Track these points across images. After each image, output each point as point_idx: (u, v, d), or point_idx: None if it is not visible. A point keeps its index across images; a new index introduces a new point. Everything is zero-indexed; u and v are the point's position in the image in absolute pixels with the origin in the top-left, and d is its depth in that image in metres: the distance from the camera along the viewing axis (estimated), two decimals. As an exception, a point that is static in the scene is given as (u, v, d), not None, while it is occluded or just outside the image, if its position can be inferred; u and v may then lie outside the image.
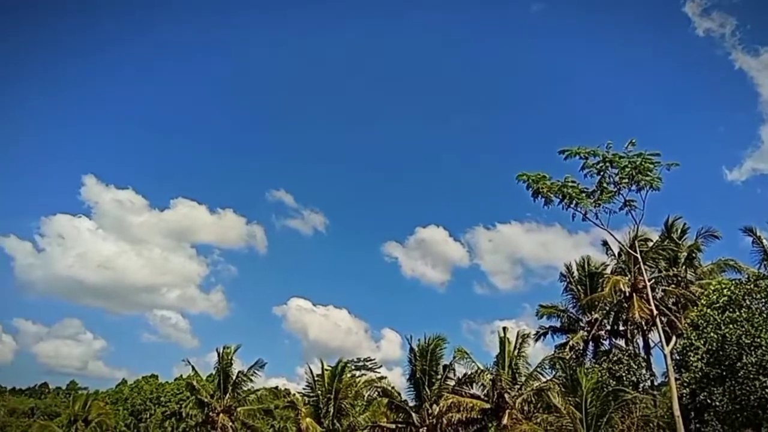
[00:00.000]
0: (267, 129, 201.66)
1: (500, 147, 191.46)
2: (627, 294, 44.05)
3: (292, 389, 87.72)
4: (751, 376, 29.55)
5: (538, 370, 42.06)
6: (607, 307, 46.08)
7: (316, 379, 50.13)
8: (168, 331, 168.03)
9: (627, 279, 44.48)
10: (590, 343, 46.56)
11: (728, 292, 33.26)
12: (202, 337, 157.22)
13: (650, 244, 45.05)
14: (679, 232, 47.40)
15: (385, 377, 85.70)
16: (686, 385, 33.66)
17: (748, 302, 32.42)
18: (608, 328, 47.40)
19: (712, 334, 32.26)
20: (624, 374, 41.81)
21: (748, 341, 30.10)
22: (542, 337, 49.45)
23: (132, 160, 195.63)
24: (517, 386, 41.10)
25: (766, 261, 40.36)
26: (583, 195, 21.82)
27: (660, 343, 28.29)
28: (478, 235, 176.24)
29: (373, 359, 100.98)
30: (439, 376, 43.83)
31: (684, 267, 45.78)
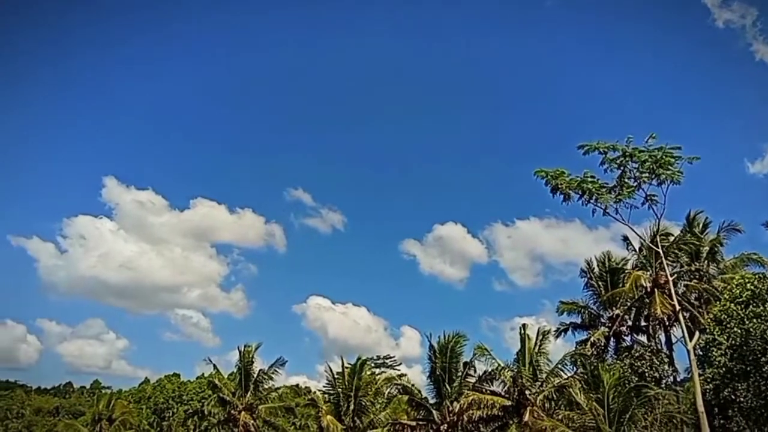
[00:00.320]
0: (284, 129, 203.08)
1: (518, 143, 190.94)
2: (648, 289, 43.69)
3: (312, 387, 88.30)
4: (775, 372, 29.22)
5: (559, 366, 41.82)
6: (629, 303, 45.74)
7: (336, 377, 50.27)
8: (189, 330, 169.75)
9: (648, 274, 44.12)
10: (611, 339, 46.21)
11: (751, 287, 32.88)
12: (223, 336, 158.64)
13: (671, 239, 44.62)
14: (700, 227, 46.92)
15: (405, 375, 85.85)
16: (710, 380, 33.31)
17: (771, 296, 32.03)
18: (630, 324, 47.04)
19: (735, 329, 31.93)
20: (646, 370, 41.52)
21: (773, 336, 29.75)
22: (563, 334, 49.19)
23: (151, 161, 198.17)
24: (538, 383, 40.87)
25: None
26: (603, 190, 21.62)
27: (683, 339, 28.04)
28: (496, 231, 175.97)
29: (393, 357, 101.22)
30: (460, 374, 43.72)
31: (706, 261, 45.32)
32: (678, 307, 30.47)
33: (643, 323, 46.53)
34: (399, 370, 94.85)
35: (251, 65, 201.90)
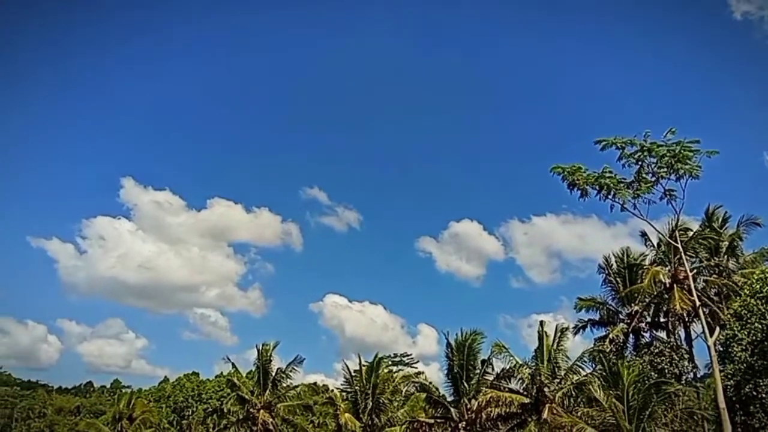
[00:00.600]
0: (300, 128, 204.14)
1: (533, 139, 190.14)
2: (667, 285, 43.37)
3: (330, 385, 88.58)
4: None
5: (578, 363, 41.58)
6: (647, 299, 45.39)
7: (354, 374, 50.36)
8: (208, 329, 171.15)
9: (667, 270, 43.79)
10: (630, 335, 45.89)
11: (772, 281, 32.51)
12: (241, 335, 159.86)
13: (690, 234, 44.21)
14: (720, 221, 46.47)
15: (423, 372, 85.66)
16: (730, 377, 32.96)
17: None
18: (649, 320, 46.71)
19: (756, 325, 31.60)
20: (666, 366, 41.23)
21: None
22: (581, 331, 48.92)
23: (169, 162, 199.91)
24: (557, 380, 40.70)
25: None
26: (621, 185, 21.44)
27: (703, 335, 27.79)
28: (513, 228, 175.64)
29: (410, 354, 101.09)
30: (477, 371, 43.63)
31: (726, 256, 44.87)
32: (698, 303, 30.23)
33: (663, 319, 46.19)
34: (416, 368, 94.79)
35: (266, 66, 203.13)
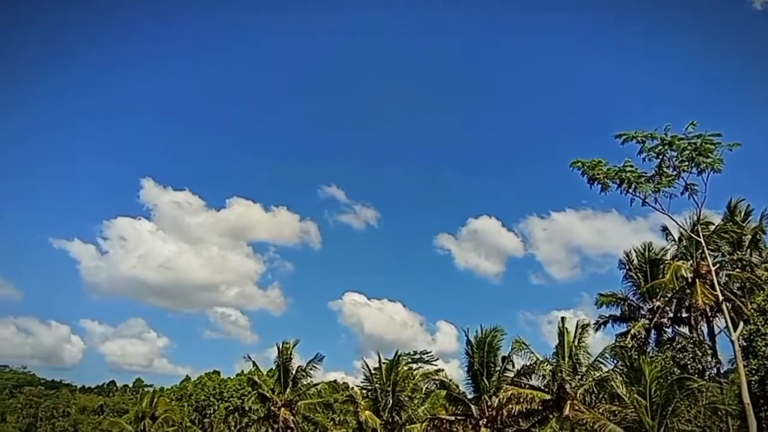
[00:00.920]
0: (317, 127, 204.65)
1: (551, 134, 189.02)
2: (689, 280, 42.90)
3: (350, 383, 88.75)
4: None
5: (599, 359, 41.35)
6: (669, 294, 44.96)
7: (373, 372, 50.41)
8: (228, 327, 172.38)
9: (689, 264, 43.33)
10: (652, 331, 45.49)
11: (797, 275, 32.09)
12: (261, 333, 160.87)
13: (712, 228, 43.68)
14: (742, 215, 45.92)
15: (442, 370, 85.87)
16: (754, 372, 32.59)
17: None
18: (671, 315, 46.30)
19: (781, 319, 31.21)
20: (689, 362, 40.82)
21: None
22: (602, 327, 48.54)
23: (187, 162, 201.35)
24: (578, 376, 40.48)
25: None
26: (641, 179, 21.20)
27: (726, 330, 27.46)
28: (532, 224, 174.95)
29: (430, 352, 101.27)
30: (498, 368, 43.51)
31: (748, 250, 44.29)
32: (721, 298, 29.90)
33: (685, 314, 45.75)
34: (436, 365, 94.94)
35: (283, 67, 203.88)
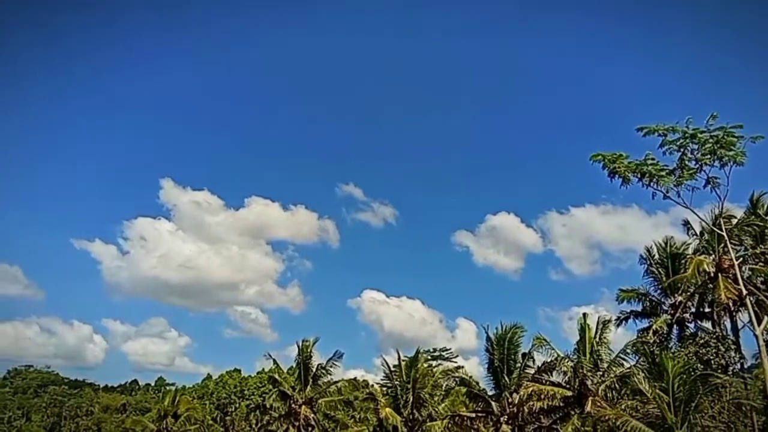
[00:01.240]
0: (334, 125, 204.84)
1: (569, 128, 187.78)
2: (712, 274, 42.46)
3: (370, 380, 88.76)
4: None
5: (621, 356, 41.04)
6: (691, 289, 44.58)
7: (393, 369, 50.39)
8: (248, 326, 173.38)
9: (711, 259, 42.87)
10: (674, 326, 45.17)
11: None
12: (281, 331, 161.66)
13: (735, 221, 43.17)
14: (765, 208, 45.33)
15: (462, 367, 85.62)
16: (779, 367, 32.16)
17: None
18: (693, 310, 45.94)
19: (805, 313, 30.77)
20: (712, 357, 40.42)
21: None
22: (623, 322, 48.29)
23: (206, 162, 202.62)
24: (600, 373, 40.21)
25: None
26: (663, 173, 20.99)
27: (749, 324, 27.12)
28: (551, 219, 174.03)
29: (449, 349, 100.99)
30: (518, 365, 43.41)
31: (772, 244, 43.71)
32: (744, 292, 29.53)
33: (707, 309, 45.36)
34: (456, 362, 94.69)
35: (300, 65, 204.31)
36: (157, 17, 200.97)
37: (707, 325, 45.13)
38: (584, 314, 42.99)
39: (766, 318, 32.62)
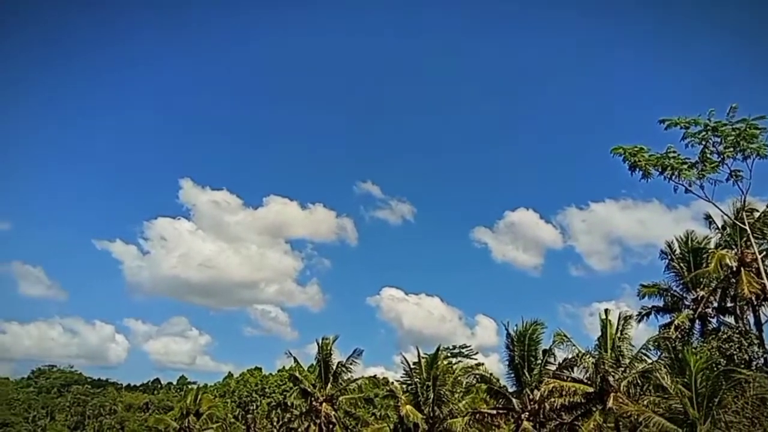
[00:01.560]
0: (351, 123, 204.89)
1: (588, 123, 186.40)
2: (734, 268, 42.07)
3: (390, 378, 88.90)
4: None
5: (643, 351, 40.77)
6: (714, 284, 44.15)
7: (413, 367, 50.43)
8: (269, 324, 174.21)
9: (733, 253, 42.47)
10: (697, 321, 44.77)
11: None
12: (300, 329, 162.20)
13: (757, 215, 42.71)
14: (789, 201, 44.77)
15: (482, 364, 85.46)
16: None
17: None
18: (715, 305, 45.49)
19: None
20: (735, 352, 40.03)
21: None
22: (645, 318, 47.95)
23: (225, 162, 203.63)
24: (621, 369, 39.98)
25: None
26: (684, 166, 20.82)
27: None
28: (570, 215, 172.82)
29: (469, 346, 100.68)
30: (539, 361, 43.31)
31: (796, 237, 43.20)
32: (767, 286, 29.24)
33: (730, 304, 44.91)
34: (476, 359, 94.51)
35: (315, 63, 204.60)
36: (174, 17, 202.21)
37: (730, 319, 44.73)
38: (605, 310, 42.87)
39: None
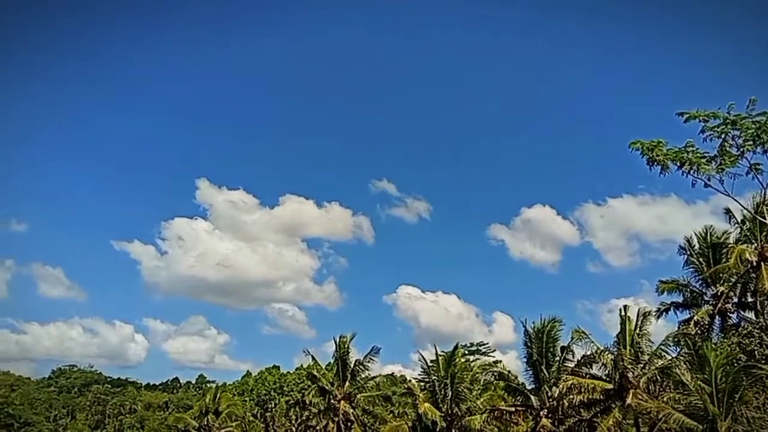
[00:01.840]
0: (366, 121, 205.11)
1: (605, 117, 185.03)
2: (754, 263, 41.63)
3: (407, 376, 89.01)
4: None
5: (662, 347, 40.54)
6: (733, 279, 43.77)
7: (431, 365, 50.47)
8: (286, 323, 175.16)
9: (753, 247, 42.05)
10: (716, 317, 44.40)
11: None
12: (318, 328, 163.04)
13: (777, 209, 42.27)
14: (809, 194, 44.21)
15: (500, 361, 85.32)
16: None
17: None
18: (735, 300, 45.10)
19: None
20: (756, 348, 39.63)
21: None
22: (664, 314, 47.67)
23: (241, 162, 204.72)
24: (641, 365, 39.78)
25: None
26: (703, 160, 20.65)
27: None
28: (588, 211, 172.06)
29: (486, 343, 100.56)
30: (557, 358, 43.18)
31: (817, 231, 42.73)
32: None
33: (750, 299, 44.47)
34: (493, 357, 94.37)
35: (330, 62, 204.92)
36: (190, 18, 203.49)
37: (750, 315, 44.28)
38: (624, 306, 42.68)
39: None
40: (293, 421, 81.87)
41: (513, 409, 44.41)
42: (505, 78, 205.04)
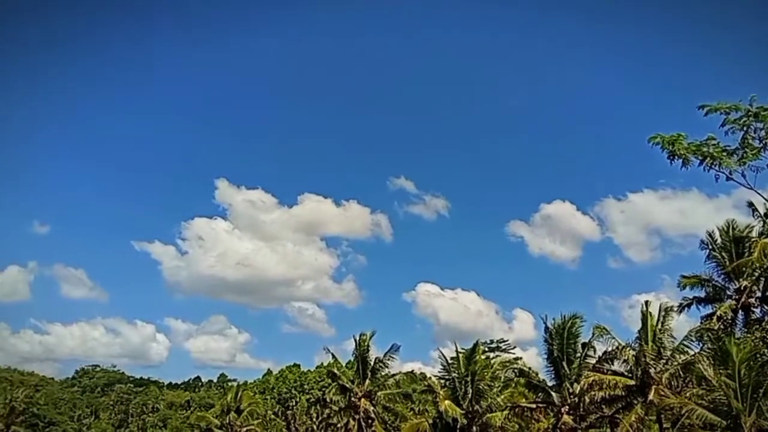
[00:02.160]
0: (383, 119, 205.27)
1: (625, 111, 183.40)
2: (779, 257, 41.09)
3: (427, 373, 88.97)
4: None
5: (684, 343, 40.19)
6: (757, 273, 43.22)
7: (451, 362, 50.46)
8: (306, 321, 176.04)
9: (778, 241, 41.50)
10: (740, 312, 43.85)
11: None
12: (338, 326, 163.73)
13: (800, 202, 41.70)
14: (833, 187, 43.60)
15: (521, 358, 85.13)
16: None
17: None
18: (759, 295, 44.49)
19: None
20: (780, 343, 39.21)
21: None
22: (686, 309, 47.08)
23: (259, 161, 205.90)
24: (663, 361, 39.48)
25: None
26: (724, 154, 20.43)
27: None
28: (608, 206, 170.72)
29: (507, 340, 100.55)
30: (578, 355, 43.00)
31: (842, 223, 42.09)
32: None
33: (774, 293, 43.89)
34: (514, 353, 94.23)
35: (347, 61, 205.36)
36: (206, 18, 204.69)
37: (774, 310, 43.77)
38: (646, 302, 42.37)
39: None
40: (314, 419, 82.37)
41: (534, 406, 44.26)
42: (524, 75, 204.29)
